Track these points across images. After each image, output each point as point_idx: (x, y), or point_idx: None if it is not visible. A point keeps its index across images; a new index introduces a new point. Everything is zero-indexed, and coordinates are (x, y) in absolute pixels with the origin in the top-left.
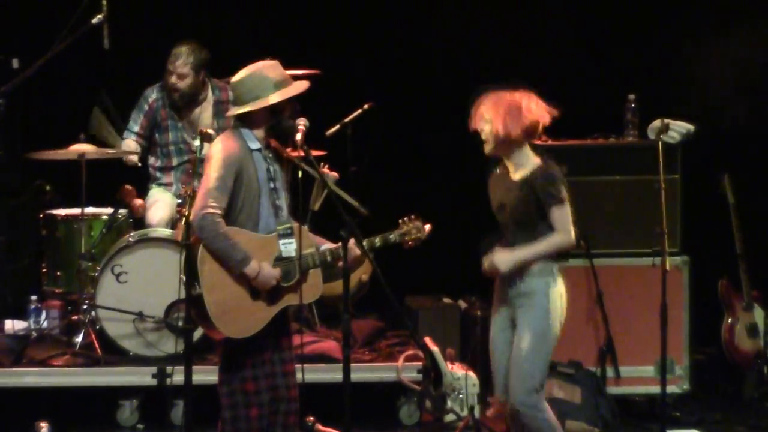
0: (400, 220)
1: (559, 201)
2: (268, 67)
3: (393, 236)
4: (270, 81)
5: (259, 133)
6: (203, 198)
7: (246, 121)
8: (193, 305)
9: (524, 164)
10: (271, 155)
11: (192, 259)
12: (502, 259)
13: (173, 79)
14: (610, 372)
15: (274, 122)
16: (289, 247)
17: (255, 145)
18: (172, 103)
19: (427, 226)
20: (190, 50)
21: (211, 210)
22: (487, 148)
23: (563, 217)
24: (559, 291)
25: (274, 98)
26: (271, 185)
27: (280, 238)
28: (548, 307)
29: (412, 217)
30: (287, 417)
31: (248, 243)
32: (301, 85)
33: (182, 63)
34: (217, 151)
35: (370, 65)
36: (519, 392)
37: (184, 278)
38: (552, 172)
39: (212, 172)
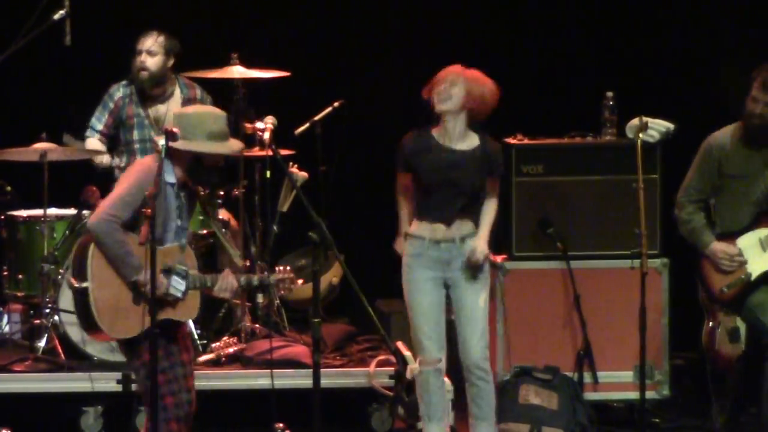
0: (277, 268)
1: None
2: (213, 117)
3: (258, 279)
4: (206, 130)
5: (178, 171)
6: (108, 205)
7: (172, 154)
8: (76, 301)
9: (468, 136)
10: (183, 194)
11: (81, 253)
12: (481, 246)
13: (142, 57)
14: (587, 377)
15: (193, 167)
16: (178, 287)
17: (171, 179)
18: (138, 85)
19: (300, 281)
20: (161, 33)
21: (112, 217)
22: (447, 106)
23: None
24: None
25: (201, 147)
26: (178, 222)
27: (173, 274)
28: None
29: (288, 268)
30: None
31: (141, 250)
32: (235, 147)
33: (153, 41)
34: (138, 171)
35: (339, 63)
36: (482, 348)
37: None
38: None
39: (125, 185)
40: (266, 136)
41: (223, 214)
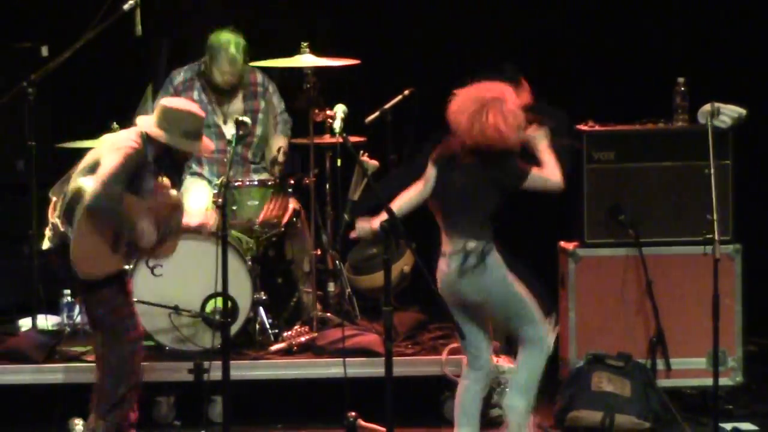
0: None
1: None
2: (191, 116)
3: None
4: (181, 126)
5: (152, 154)
6: (100, 182)
7: (150, 137)
8: (57, 240)
9: None
10: (156, 173)
11: (75, 198)
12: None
13: (233, 81)
14: (660, 364)
15: (162, 156)
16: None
17: (150, 159)
18: (220, 92)
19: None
20: (238, 44)
21: (107, 191)
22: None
23: None
24: None
25: (170, 140)
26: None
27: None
28: None
29: None
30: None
31: (137, 205)
32: (205, 148)
33: (239, 66)
34: (128, 145)
35: (409, 51)
36: None
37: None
38: None
39: (116, 159)
40: (336, 124)
41: (293, 202)
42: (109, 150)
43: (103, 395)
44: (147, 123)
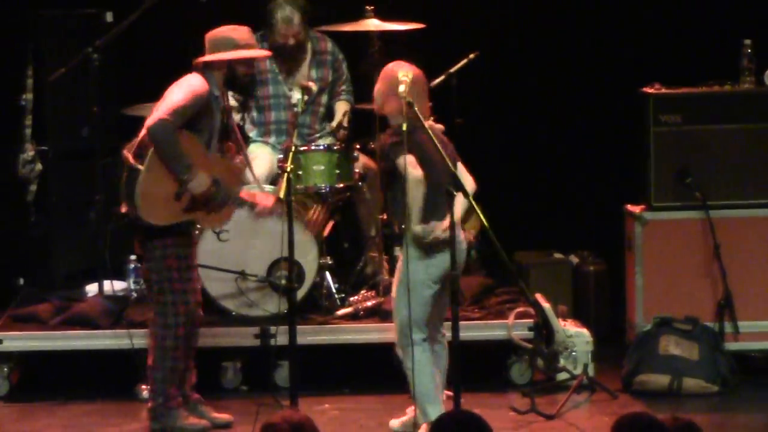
0: None
1: None
2: (239, 30)
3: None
4: (232, 41)
5: (218, 82)
6: (163, 111)
7: (208, 68)
8: (127, 177)
9: None
10: (224, 108)
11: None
12: None
13: (291, 41)
14: (728, 327)
15: (229, 78)
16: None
17: (216, 92)
18: (285, 56)
19: None
20: (297, 7)
21: (169, 123)
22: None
23: None
24: None
25: (235, 55)
26: (215, 134)
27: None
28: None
29: None
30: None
31: (195, 149)
32: (259, 53)
33: (297, 24)
34: (190, 85)
35: (475, 14)
36: None
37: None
38: None
39: (179, 97)
40: (401, 88)
41: (363, 159)
42: (173, 89)
43: (153, 367)
44: (197, 60)
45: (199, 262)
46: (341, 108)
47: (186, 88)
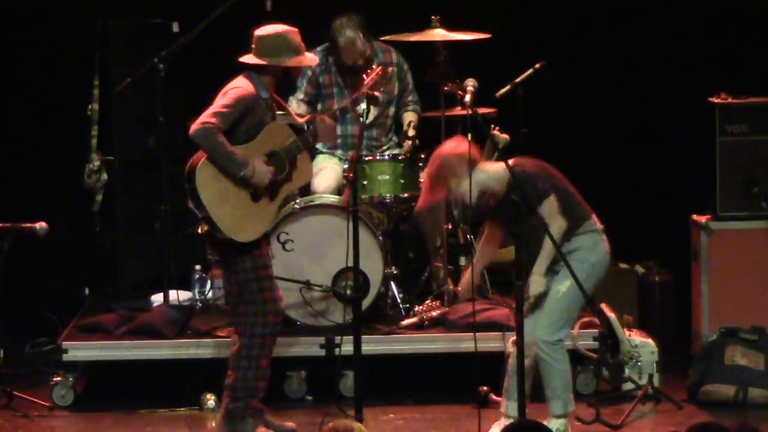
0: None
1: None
2: (292, 33)
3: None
4: (291, 45)
5: (268, 83)
6: (207, 115)
7: (258, 70)
8: (208, 227)
9: None
10: (272, 105)
11: (192, 186)
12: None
13: (360, 62)
14: None
15: (281, 79)
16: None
17: (265, 94)
18: (351, 73)
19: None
20: (357, 27)
21: (212, 125)
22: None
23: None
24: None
25: (290, 62)
26: None
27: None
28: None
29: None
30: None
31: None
32: (312, 60)
33: (360, 45)
34: (236, 88)
35: (540, 24)
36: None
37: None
38: None
39: (224, 101)
40: (467, 98)
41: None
42: (220, 95)
43: (236, 372)
44: (248, 59)
45: None
46: (408, 118)
47: (231, 92)
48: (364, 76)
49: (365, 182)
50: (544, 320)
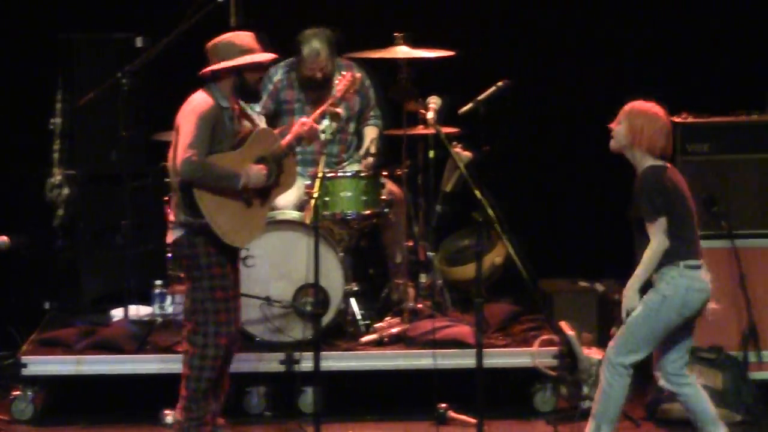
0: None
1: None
2: (242, 35)
3: None
4: (237, 47)
5: (227, 92)
6: (183, 150)
7: (215, 78)
8: (205, 232)
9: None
10: (235, 115)
11: (189, 197)
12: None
13: (318, 75)
14: (752, 357)
15: (238, 85)
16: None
17: (224, 103)
18: (312, 88)
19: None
20: (324, 41)
21: (191, 154)
22: (612, 145)
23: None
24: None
25: (243, 60)
26: (235, 141)
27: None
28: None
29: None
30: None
31: (228, 160)
32: (266, 57)
33: (324, 58)
34: (193, 110)
35: (504, 42)
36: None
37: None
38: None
39: (188, 126)
40: (430, 115)
41: (390, 186)
42: (182, 119)
43: (186, 387)
44: (204, 71)
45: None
46: (369, 134)
47: (190, 115)
48: (336, 82)
49: (327, 199)
50: (617, 339)
